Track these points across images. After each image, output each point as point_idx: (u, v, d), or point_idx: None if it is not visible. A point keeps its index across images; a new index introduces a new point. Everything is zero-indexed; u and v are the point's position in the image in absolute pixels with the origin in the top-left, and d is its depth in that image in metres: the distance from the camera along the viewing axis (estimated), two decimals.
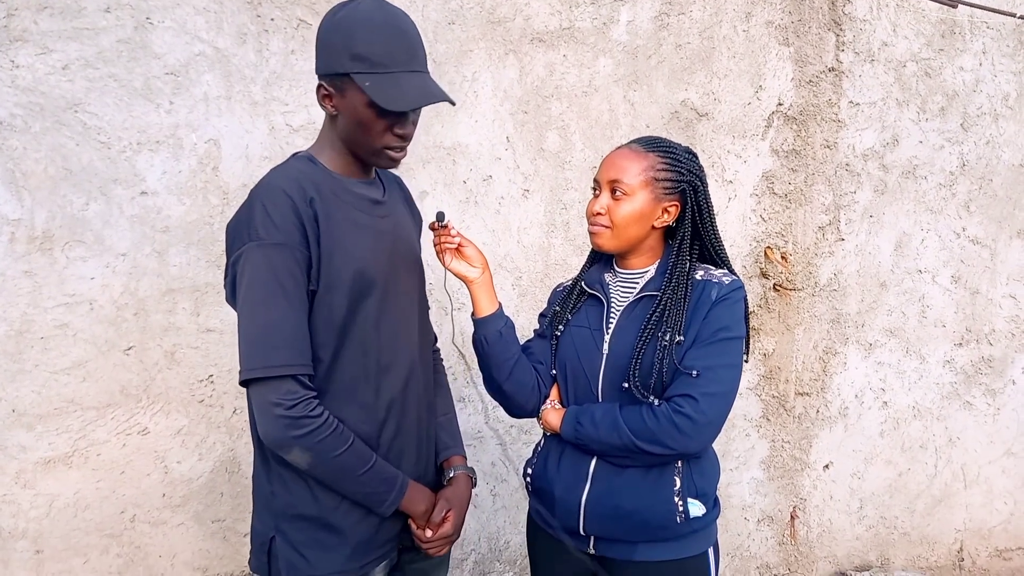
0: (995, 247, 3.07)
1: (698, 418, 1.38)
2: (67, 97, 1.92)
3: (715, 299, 1.45)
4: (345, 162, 1.40)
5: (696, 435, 1.40)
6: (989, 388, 3.14)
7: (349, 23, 1.28)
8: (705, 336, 1.43)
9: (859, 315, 2.93)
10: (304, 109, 2.15)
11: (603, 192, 1.51)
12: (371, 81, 1.26)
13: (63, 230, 1.94)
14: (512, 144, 2.41)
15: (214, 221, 2.08)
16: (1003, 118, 2.98)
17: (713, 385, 1.40)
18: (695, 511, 1.47)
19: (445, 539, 1.45)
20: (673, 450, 1.41)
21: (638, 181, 1.47)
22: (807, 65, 2.74)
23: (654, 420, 1.40)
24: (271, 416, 1.25)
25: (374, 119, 1.30)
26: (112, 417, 2.04)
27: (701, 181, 1.52)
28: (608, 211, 1.49)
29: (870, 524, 3.09)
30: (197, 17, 2.02)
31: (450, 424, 1.64)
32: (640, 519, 1.46)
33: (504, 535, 2.60)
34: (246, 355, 1.26)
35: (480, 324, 1.57)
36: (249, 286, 1.26)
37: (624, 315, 1.53)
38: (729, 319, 1.45)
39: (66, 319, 1.96)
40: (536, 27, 2.39)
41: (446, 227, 1.53)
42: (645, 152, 1.50)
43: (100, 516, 2.05)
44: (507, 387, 1.58)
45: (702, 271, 1.52)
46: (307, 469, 1.30)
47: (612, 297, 1.57)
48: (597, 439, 1.46)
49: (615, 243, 1.52)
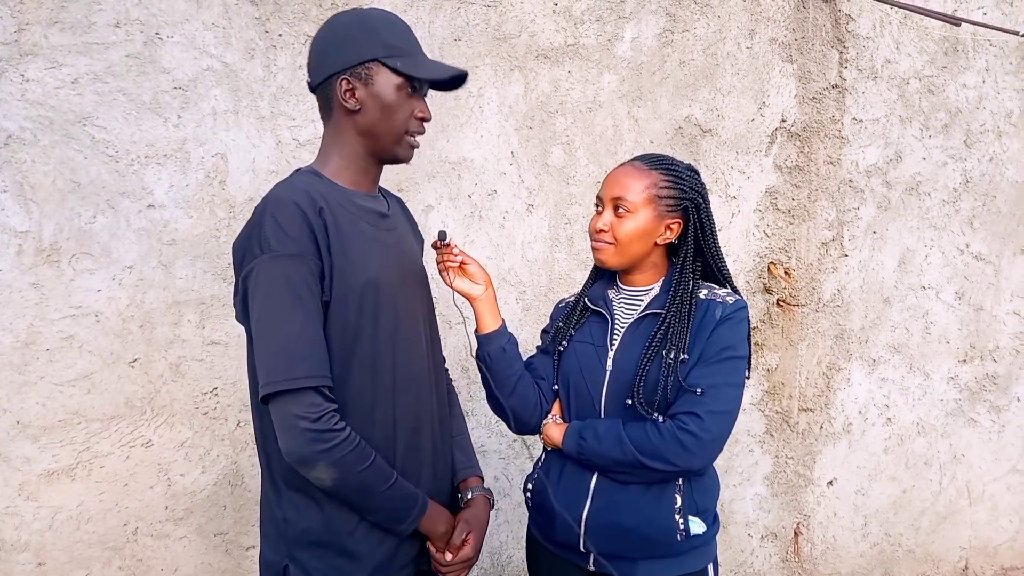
0: (999, 264, 3.07)
1: (703, 435, 1.40)
2: (76, 111, 1.93)
3: (719, 318, 1.46)
4: (351, 174, 1.40)
5: (700, 452, 1.41)
6: (994, 405, 3.13)
7: (368, 19, 1.36)
8: (710, 355, 1.44)
9: (863, 331, 2.93)
10: (311, 124, 2.16)
11: (606, 209, 1.52)
12: (401, 61, 1.33)
13: (70, 242, 1.95)
14: (517, 159, 2.43)
15: (220, 234, 2.09)
16: (1006, 135, 2.99)
17: (717, 403, 1.41)
18: (696, 528, 1.47)
19: (465, 562, 1.42)
20: (677, 467, 1.42)
21: (641, 199, 1.49)
22: (811, 82, 2.75)
23: (659, 437, 1.41)
24: (296, 430, 1.21)
25: (404, 100, 1.35)
26: (116, 429, 2.04)
27: (703, 198, 1.54)
28: (611, 228, 1.50)
29: (874, 541, 3.08)
30: (206, 32, 2.04)
31: (465, 444, 1.62)
32: (641, 536, 1.46)
33: (507, 550, 2.59)
34: (269, 369, 1.22)
35: (484, 340, 1.58)
36: (266, 299, 1.23)
37: (628, 332, 1.54)
38: (733, 338, 1.46)
39: (72, 331, 1.97)
40: (541, 44, 2.41)
41: (448, 246, 1.54)
42: (648, 169, 1.51)
43: (103, 529, 2.05)
44: (510, 403, 1.58)
45: (706, 290, 1.53)
46: (331, 486, 1.26)
47: (616, 314, 1.58)
48: (600, 453, 1.46)
49: (618, 259, 1.53)
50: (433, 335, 1.54)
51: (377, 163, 1.43)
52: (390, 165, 1.46)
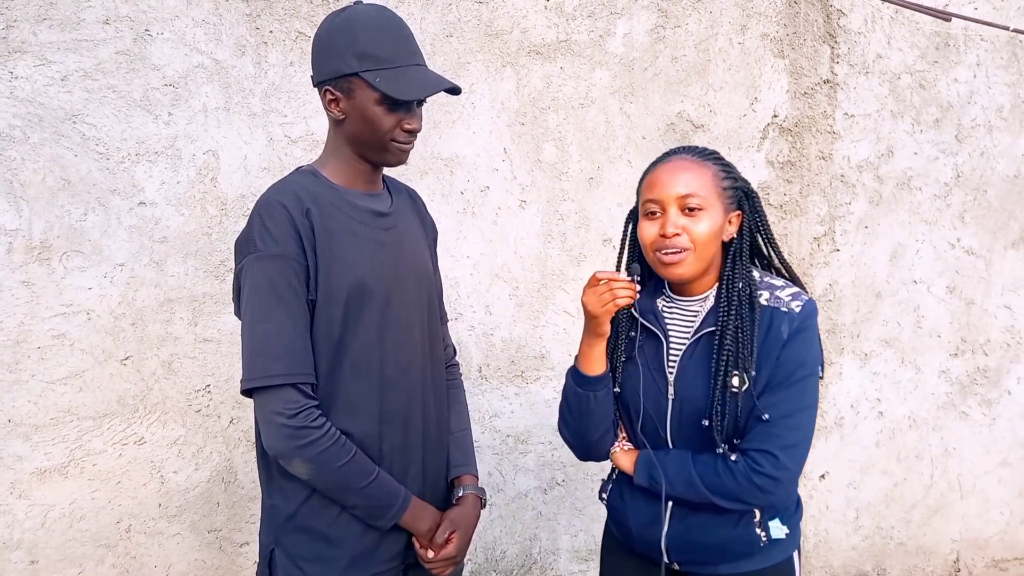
0: (990, 258, 3.08)
1: (778, 475, 1.30)
2: (66, 108, 1.93)
3: (787, 337, 1.32)
4: (349, 173, 1.41)
5: (777, 490, 1.32)
6: (985, 398, 3.15)
7: (351, 25, 1.31)
8: (780, 379, 1.32)
9: (854, 325, 2.94)
10: (303, 120, 2.16)
11: (670, 210, 1.34)
12: (380, 77, 1.29)
13: (61, 240, 1.95)
14: (509, 155, 2.43)
15: (212, 231, 2.09)
16: (997, 129, 3.00)
17: (792, 435, 1.31)
18: (777, 533, 1.40)
19: (447, 561, 1.43)
20: (753, 506, 1.36)
21: (712, 192, 1.35)
22: (802, 77, 2.76)
23: (732, 480, 1.32)
24: (274, 426, 1.26)
25: (384, 114, 1.33)
26: (109, 427, 2.04)
27: (751, 187, 1.44)
28: (685, 230, 1.33)
29: (866, 534, 3.10)
30: (196, 29, 2.03)
31: (463, 441, 1.61)
32: (724, 550, 1.41)
33: (500, 545, 2.60)
34: (247, 365, 1.28)
35: (595, 381, 1.45)
36: (249, 298, 1.28)
37: (687, 356, 1.41)
38: (805, 355, 1.33)
39: (63, 329, 1.97)
40: (533, 40, 2.41)
41: (634, 282, 1.38)
42: (704, 162, 1.38)
43: (95, 526, 2.05)
44: (595, 441, 1.49)
45: (766, 292, 1.38)
46: (308, 480, 1.31)
47: (670, 331, 1.45)
48: (672, 494, 1.40)
49: (697, 267, 1.36)
50: (432, 332, 1.53)
51: (371, 165, 1.43)
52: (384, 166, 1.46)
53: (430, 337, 1.52)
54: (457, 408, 1.64)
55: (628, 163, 2.57)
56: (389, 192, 1.51)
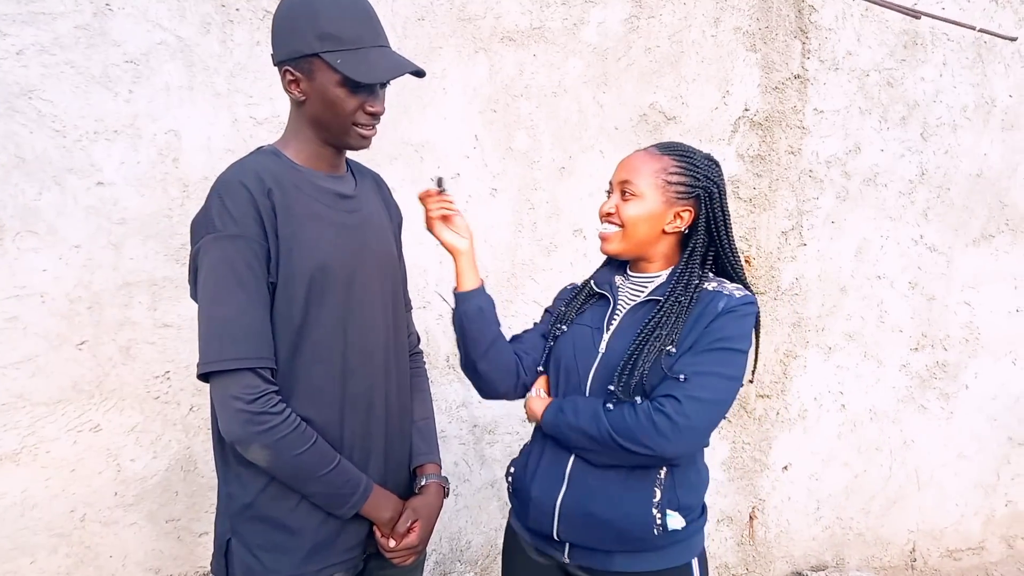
0: (951, 254, 3.14)
1: (678, 420, 1.33)
2: (21, 83, 1.86)
3: (721, 310, 1.40)
4: (312, 154, 1.37)
5: (674, 437, 1.34)
6: (943, 392, 3.22)
7: (312, 4, 1.27)
8: (703, 344, 1.39)
9: (819, 319, 2.98)
10: (269, 101, 2.11)
11: (614, 193, 1.51)
12: (342, 58, 1.26)
13: (14, 220, 1.88)
14: (480, 143, 2.40)
15: (173, 214, 2.03)
16: (961, 128, 3.05)
17: (700, 391, 1.35)
18: (673, 524, 1.42)
19: (409, 550, 1.42)
20: (650, 449, 1.35)
21: (648, 182, 1.46)
22: (773, 72, 2.77)
23: (633, 416, 1.36)
24: (231, 411, 1.22)
25: (346, 96, 1.29)
26: (63, 413, 1.98)
27: (718, 188, 1.49)
28: (617, 211, 1.48)
29: (826, 525, 3.15)
30: (159, 5, 1.97)
31: (426, 429, 1.59)
32: (615, 528, 1.42)
33: (465, 535, 2.59)
34: (203, 349, 1.24)
35: (462, 298, 1.54)
36: (206, 279, 1.24)
37: (627, 317, 1.51)
38: (733, 331, 1.40)
39: (16, 312, 1.90)
40: (506, 26, 2.38)
41: (443, 192, 1.52)
42: (659, 155, 1.49)
43: (49, 515, 2.00)
44: (481, 366, 1.55)
45: (715, 283, 1.48)
46: (267, 467, 1.27)
47: (619, 298, 1.55)
48: (576, 426, 1.42)
49: (624, 245, 1.50)
50: (396, 319, 1.51)
51: (333, 148, 1.39)
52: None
53: (394, 324, 1.49)
54: (421, 396, 1.62)
55: (600, 153, 2.55)
56: (353, 175, 1.47)
